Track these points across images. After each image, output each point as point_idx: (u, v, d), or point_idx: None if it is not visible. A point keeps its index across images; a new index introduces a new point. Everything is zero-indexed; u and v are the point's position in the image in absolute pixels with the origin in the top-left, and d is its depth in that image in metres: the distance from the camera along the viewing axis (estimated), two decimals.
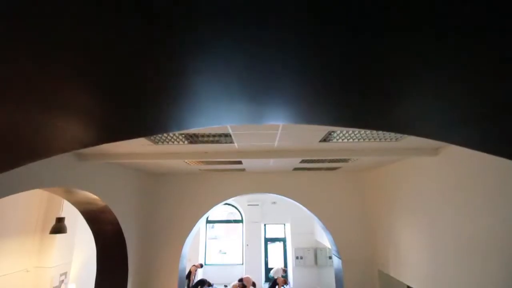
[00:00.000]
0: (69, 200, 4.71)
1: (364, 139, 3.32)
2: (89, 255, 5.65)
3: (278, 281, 8.31)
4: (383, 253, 5.57)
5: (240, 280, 8.98)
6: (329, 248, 8.28)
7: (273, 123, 0.96)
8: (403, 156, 4.02)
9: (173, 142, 3.36)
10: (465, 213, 3.24)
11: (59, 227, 5.36)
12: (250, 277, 9.12)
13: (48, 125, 0.93)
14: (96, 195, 4.39)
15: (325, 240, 8.13)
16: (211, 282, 9.59)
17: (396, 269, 5.02)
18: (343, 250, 6.09)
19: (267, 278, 11.38)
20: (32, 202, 6.47)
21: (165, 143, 3.39)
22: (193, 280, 8.72)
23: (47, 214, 6.69)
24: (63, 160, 3.66)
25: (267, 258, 11.82)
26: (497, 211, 2.78)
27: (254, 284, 8.90)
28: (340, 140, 3.36)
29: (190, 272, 8.98)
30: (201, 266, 9.42)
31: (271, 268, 11.65)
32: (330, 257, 9.71)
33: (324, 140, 3.35)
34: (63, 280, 6.99)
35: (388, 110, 0.86)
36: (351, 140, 3.35)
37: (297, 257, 11.12)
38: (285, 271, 9.92)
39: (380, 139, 3.32)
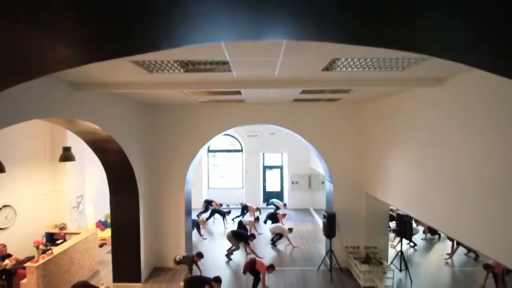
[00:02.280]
0: (71, 130, 4.78)
1: (369, 68, 3.16)
2: (102, 179, 6.10)
3: (278, 216, 9.32)
4: (372, 178, 6.02)
5: (245, 207, 10.07)
6: (322, 174, 8.92)
7: (275, 39, 0.87)
8: (407, 86, 3.90)
9: (168, 70, 3.19)
10: (456, 144, 3.34)
11: (66, 155, 5.60)
12: (252, 205, 10.22)
13: (32, 43, 0.85)
14: (97, 125, 4.44)
15: (319, 167, 8.68)
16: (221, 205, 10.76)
17: (383, 192, 5.51)
18: (335, 176, 6.57)
19: (264, 199, 12.64)
20: (36, 133, 6.61)
21: (160, 71, 3.23)
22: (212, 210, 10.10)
23: (53, 144, 6.93)
24: (58, 90, 3.56)
25: (265, 183, 12.87)
26: (487, 143, 2.87)
27: (258, 209, 10.07)
28: (344, 69, 3.20)
29: (210, 204, 10.35)
30: (221, 205, 10.82)
31: (269, 192, 12.84)
32: (323, 182, 10.59)
33: (327, 69, 3.19)
34: (80, 202, 7.74)
35: (402, 26, 0.77)
36: (355, 69, 3.18)
37: (292, 182, 12.14)
38: (285, 205, 11.03)
39: (385, 68, 3.16)
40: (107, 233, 8.01)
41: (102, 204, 8.48)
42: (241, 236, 7.22)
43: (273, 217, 9.18)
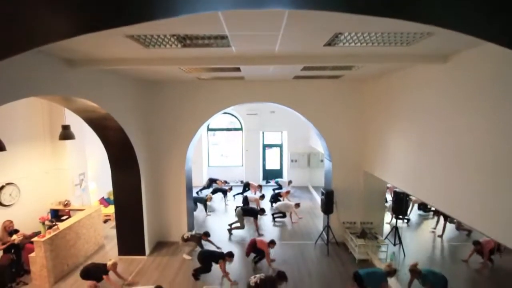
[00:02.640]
0: (69, 108, 4.73)
1: (372, 43, 3.06)
2: (103, 157, 6.14)
3: (282, 194, 9.58)
4: (371, 157, 6.07)
5: (246, 184, 10.37)
6: (321, 153, 8.98)
7: (276, 7, 0.82)
8: (412, 63, 3.80)
9: (165, 45, 3.09)
10: (456, 124, 3.32)
11: (66, 133, 5.60)
12: (254, 182, 10.48)
13: (22, 13, 0.81)
14: (95, 103, 4.38)
15: (319, 146, 8.72)
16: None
17: (381, 171, 5.58)
18: (335, 154, 6.61)
19: (264, 177, 12.84)
20: (35, 111, 6.56)
21: (156, 46, 3.13)
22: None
23: (52, 122, 6.90)
24: (52, 67, 3.47)
25: (265, 161, 12.99)
26: (489, 122, 2.85)
27: (260, 186, 10.36)
28: (347, 44, 3.09)
29: (215, 182, 10.86)
30: (226, 182, 11.35)
31: (269, 170, 13.01)
32: (322, 161, 10.68)
33: (329, 44, 3.08)
34: (82, 179, 7.85)
35: None
36: (358, 44, 3.08)
37: (292, 160, 12.26)
38: (290, 182, 11.19)
39: (390, 43, 3.06)
40: (111, 209, 8.21)
41: (104, 181, 8.61)
42: (251, 212, 7.44)
43: (276, 198, 9.40)
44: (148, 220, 6.35)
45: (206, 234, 6.26)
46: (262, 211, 7.56)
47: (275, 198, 9.43)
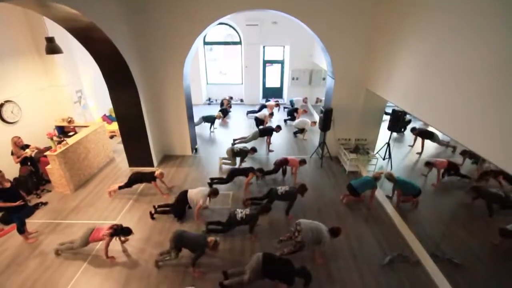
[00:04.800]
0: (48, 16, 4.25)
1: None
2: (99, 74, 5.86)
3: (299, 111, 9.86)
4: (375, 75, 5.82)
5: (263, 106, 10.49)
6: (324, 70, 8.59)
7: None
8: None
9: None
10: (470, 44, 3.02)
11: (52, 47, 5.20)
12: (272, 103, 10.48)
13: None
14: (74, 9, 3.89)
15: (322, 62, 8.26)
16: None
17: (384, 89, 5.45)
18: (338, 71, 6.33)
19: (264, 96, 12.70)
20: (11, 23, 5.91)
21: None
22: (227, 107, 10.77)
23: (34, 35, 6.35)
24: None
25: (265, 78, 12.54)
26: (499, 42, 2.58)
27: (278, 105, 10.57)
28: None
29: (222, 103, 11.03)
30: (231, 98, 11.47)
31: (269, 88, 12.72)
32: (324, 79, 10.32)
33: None
34: (80, 96, 7.77)
35: None
36: None
37: (293, 78, 11.85)
38: (306, 99, 11.17)
39: None
40: (115, 126, 8.45)
41: (103, 99, 8.55)
42: (266, 131, 7.80)
43: (292, 115, 10.04)
44: (152, 135, 6.62)
45: (254, 150, 6.70)
46: (279, 128, 7.91)
47: (291, 115, 10.10)
